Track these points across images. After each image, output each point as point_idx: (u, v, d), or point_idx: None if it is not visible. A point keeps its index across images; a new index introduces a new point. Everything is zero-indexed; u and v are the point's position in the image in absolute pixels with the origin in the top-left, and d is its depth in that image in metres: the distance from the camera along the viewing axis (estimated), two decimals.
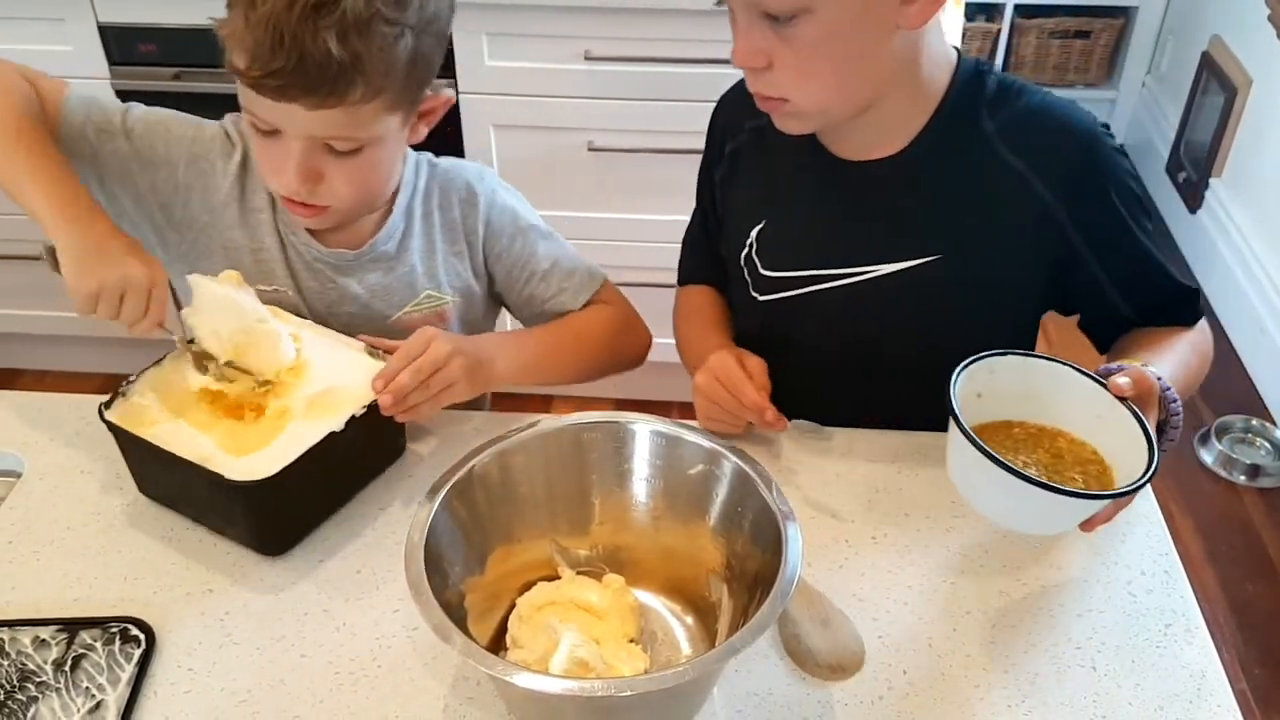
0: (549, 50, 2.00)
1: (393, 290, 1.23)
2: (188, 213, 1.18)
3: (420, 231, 1.23)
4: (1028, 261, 1.08)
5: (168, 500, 1.05)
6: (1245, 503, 2.28)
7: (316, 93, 0.99)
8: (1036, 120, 1.05)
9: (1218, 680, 0.90)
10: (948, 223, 1.07)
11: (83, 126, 1.14)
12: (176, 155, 1.16)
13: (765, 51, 0.96)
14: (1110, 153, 1.05)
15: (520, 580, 0.95)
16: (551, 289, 1.27)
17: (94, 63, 2.04)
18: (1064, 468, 0.92)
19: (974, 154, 1.05)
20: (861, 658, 0.91)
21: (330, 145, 1.05)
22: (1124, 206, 1.05)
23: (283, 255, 1.20)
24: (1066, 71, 3.45)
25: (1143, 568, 1.00)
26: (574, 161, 2.11)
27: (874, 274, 1.10)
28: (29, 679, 0.88)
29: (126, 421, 1.00)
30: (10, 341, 2.51)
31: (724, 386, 1.08)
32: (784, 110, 1.02)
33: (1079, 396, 0.93)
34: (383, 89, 1.03)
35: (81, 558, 1.00)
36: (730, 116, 1.20)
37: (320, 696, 0.88)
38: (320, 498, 1.04)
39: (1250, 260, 2.68)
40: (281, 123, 1.04)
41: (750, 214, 1.18)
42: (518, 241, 1.27)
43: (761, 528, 0.87)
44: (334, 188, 1.09)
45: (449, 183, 1.24)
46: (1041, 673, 0.91)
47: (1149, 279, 1.09)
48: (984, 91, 1.05)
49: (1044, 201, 1.04)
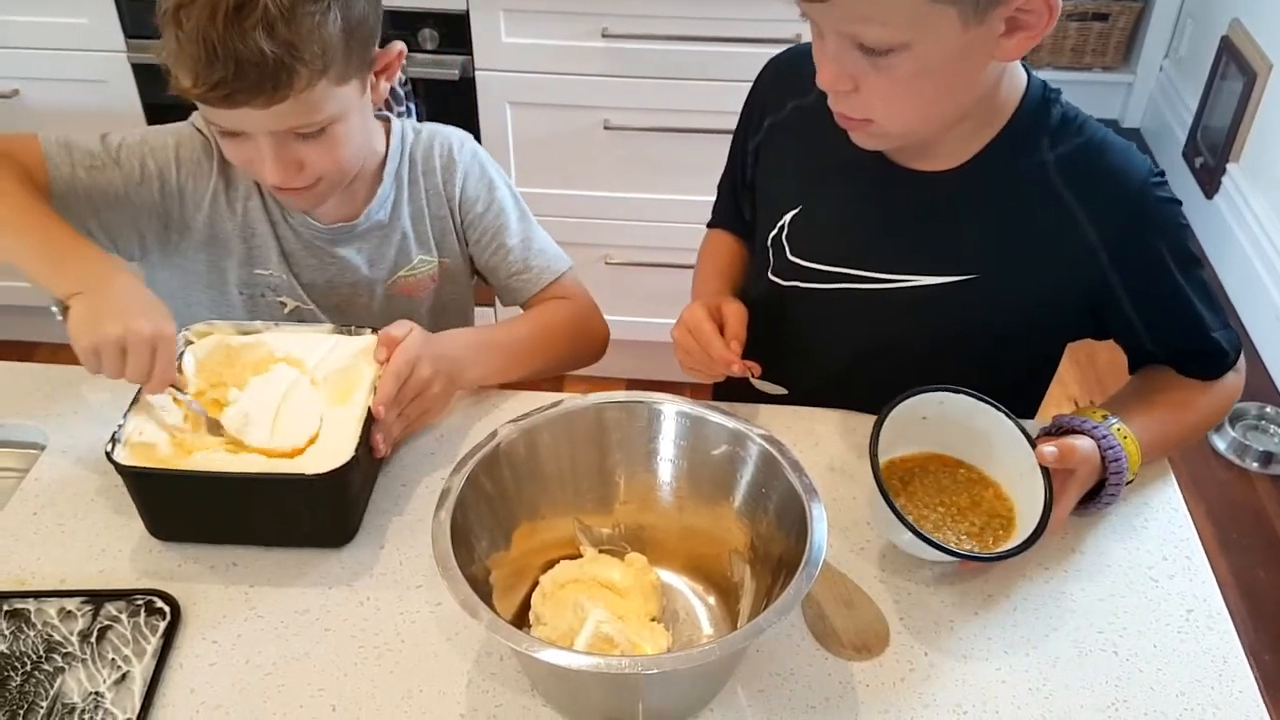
0: (566, 27, 1.99)
1: (388, 257, 1.26)
2: (183, 214, 1.19)
3: (409, 197, 1.26)
4: (1062, 293, 1.07)
5: (195, 534, 0.99)
6: (1258, 490, 2.28)
7: (262, 92, 1.00)
8: (1094, 158, 1.03)
9: (1239, 666, 0.91)
10: (990, 245, 1.06)
11: (73, 169, 1.13)
12: (164, 164, 1.17)
13: (854, 77, 0.93)
14: (1162, 202, 1.03)
15: (544, 558, 0.95)
16: (516, 265, 1.29)
17: (110, 35, 2.03)
18: (971, 515, 0.97)
19: (1028, 181, 1.03)
20: (887, 637, 0.91)
21: (296, 132, 1.06)
22: (1170, 255, 1.04)
23: (274, 238, 1.21)
24: (1084, 54, 3.42)
25: (1164, 553, 1.00)
26: (590, 140, 2.10)
27: (906, 284, 1.09)
28: (55, 650, 0.89)
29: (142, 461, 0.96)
30: (27, 314, 2.51)
31: (695, 339, 1.09)
32: (867, 130, 0.99)
33: (1011, 450, 0.97)
34: (325, 68, 1.03)
35: (106, 530, 1.00)
36: (775, 89, 1.17)
37: (344, 670, 0.89)
38: (372, 473, 1.05)
39: (1266, 247, 2.66)
40: (242, 125, 1.05)
41: (785, 196, 1.16)
42: (490, 210, 1.29)
43: (786, 510, 0.87)
44: (315, 167, 1.10)
45: (430, 148, 1.27)
46: (1063, 656, 0.91)
47: (1182, 329, 1.08)
48: (1048, 119, 1.03)
49: (1088, 239, 1.03)
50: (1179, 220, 1.05)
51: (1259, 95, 2.76)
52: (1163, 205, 1.03)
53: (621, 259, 2.20)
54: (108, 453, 0.94)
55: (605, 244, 2.16)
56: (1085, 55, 3.43)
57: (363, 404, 1.01)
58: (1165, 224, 1.04)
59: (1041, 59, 3.44)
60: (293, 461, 0.98)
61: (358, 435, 0.97)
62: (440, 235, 1.29)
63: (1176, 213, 1.05)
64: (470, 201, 1.28)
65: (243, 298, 1.24)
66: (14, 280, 2.42)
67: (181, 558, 0.98)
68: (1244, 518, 2.22)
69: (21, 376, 1.18)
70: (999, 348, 1.10)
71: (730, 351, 1.07)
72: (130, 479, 0.96)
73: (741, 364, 1.07)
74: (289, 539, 0.99)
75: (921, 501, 0.98)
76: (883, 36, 0.89)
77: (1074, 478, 0.97)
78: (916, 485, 0.99)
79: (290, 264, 1.23)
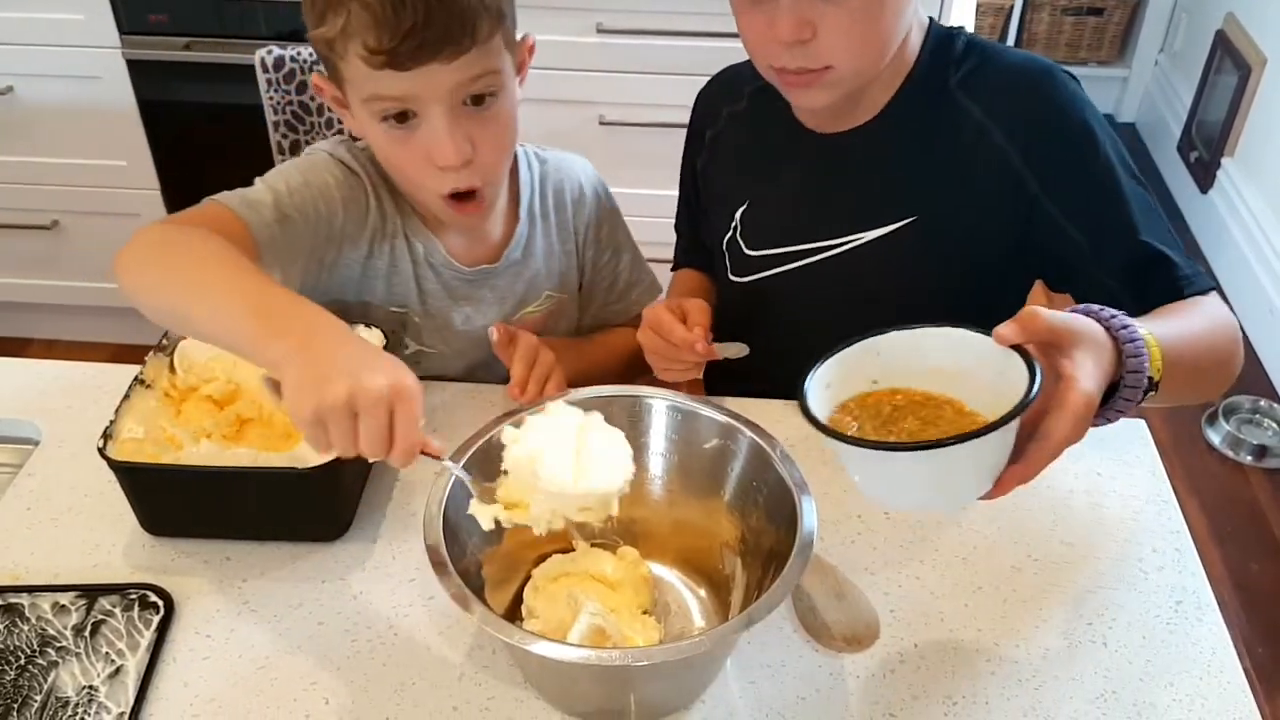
0: (561, 22, 1.99)
1: (519, 293, 1.24)
2: (340, 255, 1.13)
3: (541, 232, 1.24)
4: (996, 212, 1.07)
5: (189, 528, 0.99)
6: (1251, 483, 2.29)
7: (450, 39, 0.97)
8: (991, 67, 1.07)
9: (1228, 657, 0.91)
10: (920, 184, 1.09)
11: (268, 226, 1.02)
12: (334, 205, 1.10)
13: (812, 22, 0.97)
14: (1061, 87, 1.04)
15: (535, 552, 0.95)
16: (618, 303, 1.33)
17: (105, 32, 2.03)
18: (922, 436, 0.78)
19: (940, 110, 1.07)
20: (877, 630, 0.91)
21: (471, 100, 1.02)
22: (1086, 145, 1.03)
23: (414, 277, 1.18)
24: (1079, 49, 3.43)
25: (1154, 545, 1.01)
26: (585, 135, 2.10)
27: (855, 243, 1.12)
28: (49, 644, 0.89)
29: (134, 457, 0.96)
30: (19, 310, 2.52)
31: (658, 334, 1.09)
32: (824, 80, 1.01)
33: (975, 358, 0.78)
34: (501, 17, 1.02)
35: (100, 525, 1.01)
36: (707, 106, 1.24)
37: (337, 664, 0.89)
38: (364, 467, 1.05)
39: (1261, 241, 2.67)
40: (421, 90, 0.99)
41: (733, 197, 1.21)
42: (608, 251, 1.30)
43: (776, 502, 0.88)
44: (483, 158, 1.05)
45: (561, 180, 1.25)
46: (1053, 648, 0.91)
47: (1121, 229, 1.01)
48: (952, 52, 1.07)
49: (998, 142, 1.04)
50: (1085, 101, 1.05)
51: (1253, 89, 2.77)
52: (1064, 88, 1.04)
53: None
54: (100, 448, 0.94)
55: None
56: (1080, 49, 3.43)
57: None
58: (1071, 114, 1.03)
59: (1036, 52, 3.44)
60: (286, 455, 0.98)
61: None
62: (565, 269, 1.27)
63: (1081, 94, 1.05)
64: (594, 237, 1.28)
65: None
66: (3, 277, 2.43)
67: (175, 552, 0.98)
68: (1238, 511, 2.23)
69: (15, 372, 1.19)
70: (962, 294, 1.08)
71: (691, 334, 1.07)
72: (123, 474, 0.96)
73: (706, 344, 1.06)
74: (282, 533, 0.99)
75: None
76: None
77: (1078, 350, 0.76)
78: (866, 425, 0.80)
79: (425, 303, 1.19)
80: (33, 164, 2.22)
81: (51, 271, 2.40)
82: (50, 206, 2.28)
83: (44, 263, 2.38)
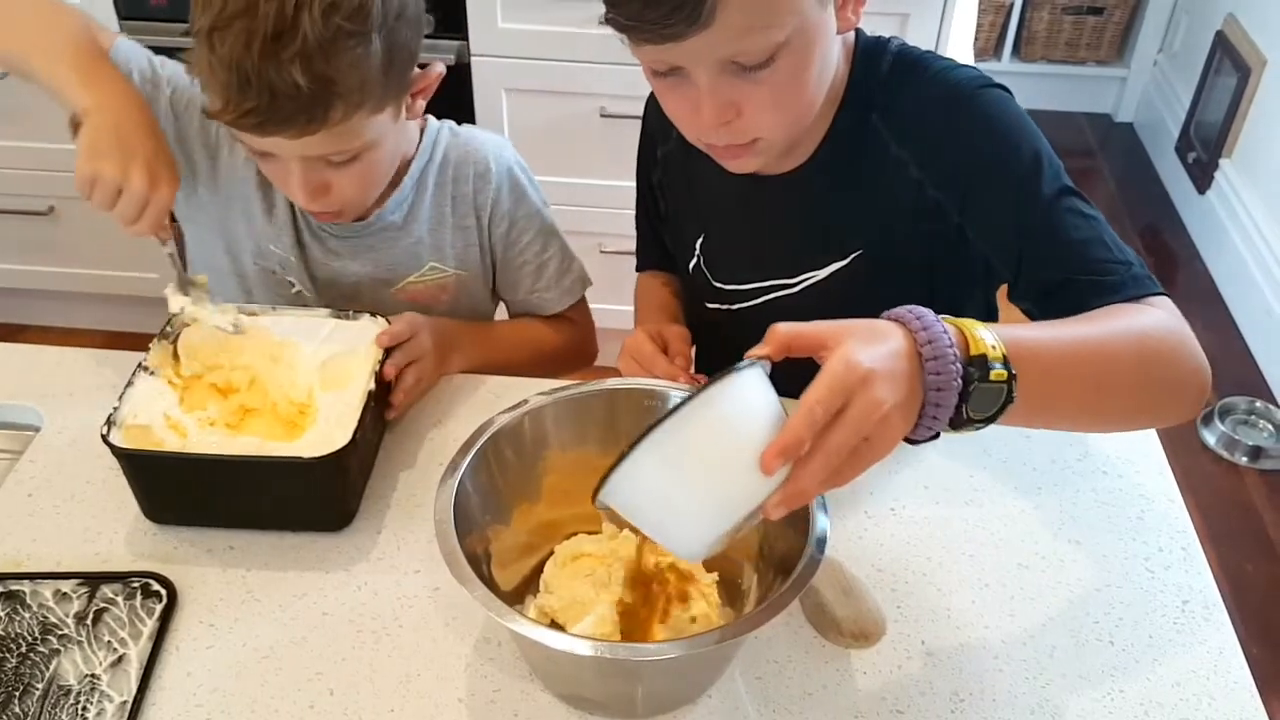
0: (563, 13, 1.98)
1: (397, 261, 1.22)
2: (215, 169, 1.17)
3: (431, 202, 1.22)
4: (931, 240, 1.04)
5: (192, 517, 0.99)
6: (1246, 484, 2.30)
7: (295, 125, 0.97)
8: (909, 94, 1.02)
9: (1235, 657, 0.91)
10: (858, 221, 1.07)
11: (128, 70, 1.10)
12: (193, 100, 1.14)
13: (735, 103, 0.93)
14: (974, 110, 0.98)
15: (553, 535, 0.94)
16: (538, 284, 1.29)
17: (103, 17, 2.01)
18: None
19: (865, 148, 1.04)
20: (884, 625, 0.91)
21: (328, 159, 1.04)
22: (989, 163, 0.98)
23: (291, 220, 1.20)
24: (1078, 48, 3.43)
25: (1160, 544, 1.01)
26: (586, 127, 2.10)
27: (813, 279, 1.11)
28: (51, 632, 0.88)
29: (138, 443, 0.96)
30: (15, 296, 2.50)
31: (640, 365, 1.08)
32: (753, 151, 0.99)
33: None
34: (362, 102, 1.00)
35: (102, 512, 1.00)
36: (660, 119, 1.17)
37: (342, 654, 0.88)
38: (369, 458, 1.05)
39: (1258, 242, 2.67)
40: (271, 150, 1.02)
41: (690, 226, 1.20)
42: (518, 226, 1.26)
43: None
44: (342, 193, 1.08)
45: (465, 155, 1.23)
46: (1059, 646, 0.91)
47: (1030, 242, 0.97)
48: (878, 72, 1.03)
49: (918, 181, 1.02)
50: (998, 133, 0.98)
51: (1253, 90, 2.77)
52: (973, 114, 0.99)
53: (616, 248, 2.19)
54: (103, 435, 0.94)
55: (600, 232, 2.15)
56: (1080, 49, 3.44)
57: (361, 388, 1.01)
58: (978, 138, 0.98)
59: (1036, 52, 3.44)
60: (291, 445, 0.98)
61: (356, 419, 0.97)
62: (462, 246, 1.25)
63: (999, 120, 0.98)
64: (501, 216, 1.25)
65: (256, 268, 1.23)
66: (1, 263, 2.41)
67: (178, 540, 0.98)
68: (1232, 512, 2.24)
69: (17, 358, 1.18)
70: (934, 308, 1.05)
71: (674, 367, 1.06)
72: (126, 461, 0.95)
73: (689, 375, 1.05)
74: (286, 522, 0.98)
75: None
76: (769, 40, 0.88)
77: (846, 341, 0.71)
78: None
79: (303, 249, 1.21)
80: (30, 149, 2.20)
81: (48, 257, 2.38)
82: (47, 192, 2.26)
83: (40, 249, 2.37)
